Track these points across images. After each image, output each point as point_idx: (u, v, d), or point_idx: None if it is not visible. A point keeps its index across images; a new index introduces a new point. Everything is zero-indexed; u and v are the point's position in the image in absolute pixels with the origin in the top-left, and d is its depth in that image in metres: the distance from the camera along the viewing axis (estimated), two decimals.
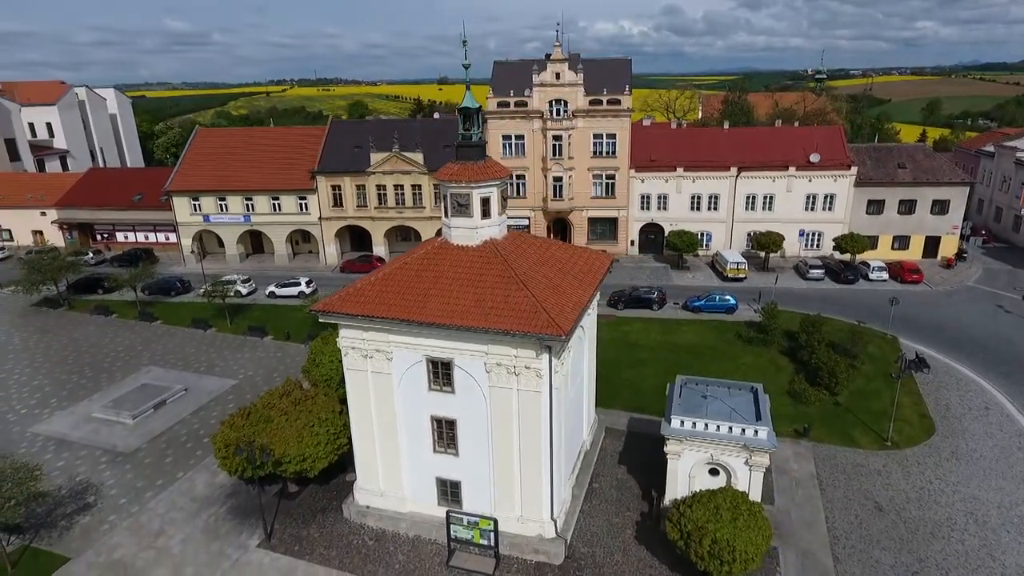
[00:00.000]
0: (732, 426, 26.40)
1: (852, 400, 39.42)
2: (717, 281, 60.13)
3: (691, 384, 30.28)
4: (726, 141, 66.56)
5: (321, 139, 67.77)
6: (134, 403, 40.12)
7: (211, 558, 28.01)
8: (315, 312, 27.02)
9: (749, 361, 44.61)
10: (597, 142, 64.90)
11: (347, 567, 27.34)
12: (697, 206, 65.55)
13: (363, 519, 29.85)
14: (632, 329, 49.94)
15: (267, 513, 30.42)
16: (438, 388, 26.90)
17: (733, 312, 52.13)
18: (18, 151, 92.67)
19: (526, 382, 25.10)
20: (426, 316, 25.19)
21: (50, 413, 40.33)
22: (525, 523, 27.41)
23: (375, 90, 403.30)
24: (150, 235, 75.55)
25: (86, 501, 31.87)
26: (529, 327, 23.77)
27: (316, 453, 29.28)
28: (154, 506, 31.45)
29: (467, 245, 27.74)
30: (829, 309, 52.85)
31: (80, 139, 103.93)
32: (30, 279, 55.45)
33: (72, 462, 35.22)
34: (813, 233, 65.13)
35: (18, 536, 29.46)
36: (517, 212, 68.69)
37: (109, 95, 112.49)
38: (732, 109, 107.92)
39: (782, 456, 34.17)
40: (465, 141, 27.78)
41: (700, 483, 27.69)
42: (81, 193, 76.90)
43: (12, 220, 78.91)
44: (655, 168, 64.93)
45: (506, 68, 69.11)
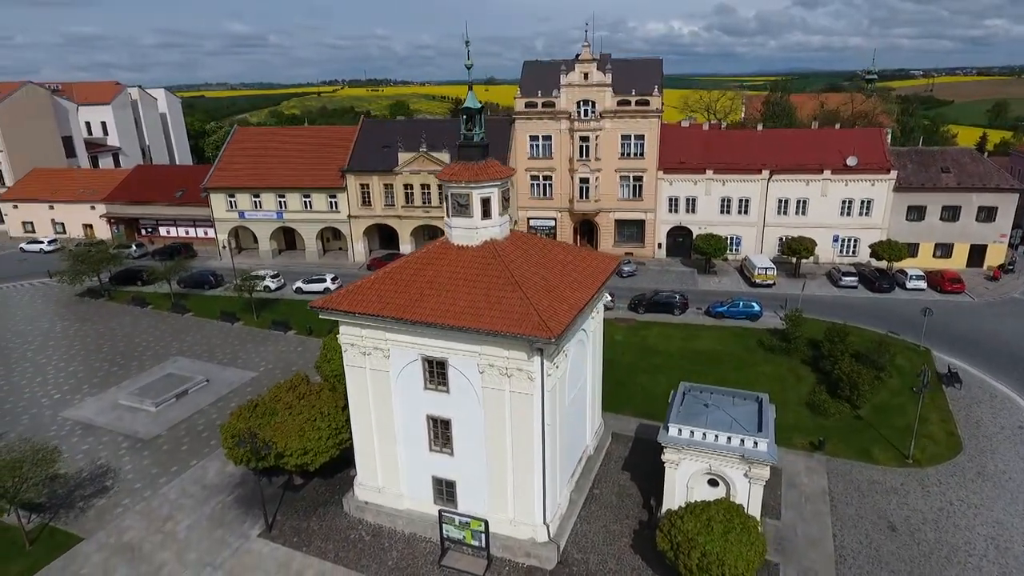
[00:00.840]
0: (731, 436, 25.66)
1: (874, 414, 37.83)
2: (745, 287, 58.59)
3: (694, 391, 29.59)
4: (759, 143, 64.79)
5: (352, 138, 68.97)
6: (158, 392, 41.65)
7: (213, 545, 28.82)
8: (315, 308, 27.49)
9: (768, 370, 43.32)
10: (625, 143, 64.13)
11: (342, 561, 27.72)
12: (727, 209, 64.04)
13: (362, 514, 30.22)
14: (650, 334, 49.13)
15: (271, 504, 31.15)
16: (433, 387, 27.02)
17: (758, 319, 50.71)
18: (74, 148, 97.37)
19: (518, 384, 24.97)
20: (420, 315, 25.33)
21: (81, 399, 42.22)
22: (517, 526, 27.27)
23: (422, 90, 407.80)
24: (190, 230, 78.26)
25: (104, 484, 33.23)
26: (519, 328, 23.63)
27: (318, 447, 29.79)
28: (166, 492, 32.57)
29: (467, 245, 27.77)
30: (860, 318, 50.94)
31: (132, 137, 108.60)
32: (74, 270, 58.21)
33: (95, 446, 36.78)
34: (849, 239, 62.83)
35: (39, 515, 30.92)
36: (543, 213, 68.69)
37: (160, 95, 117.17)
38: (773, 110, 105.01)
39: (793, 470, 33.10)
40: (467, 141, 27.79)
41: (699, 493, 27.04)
42: (127, 189, 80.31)
43: (65, 214, 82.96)
44: (684, 170, 63.71)
45: (536, 68, 69.00)
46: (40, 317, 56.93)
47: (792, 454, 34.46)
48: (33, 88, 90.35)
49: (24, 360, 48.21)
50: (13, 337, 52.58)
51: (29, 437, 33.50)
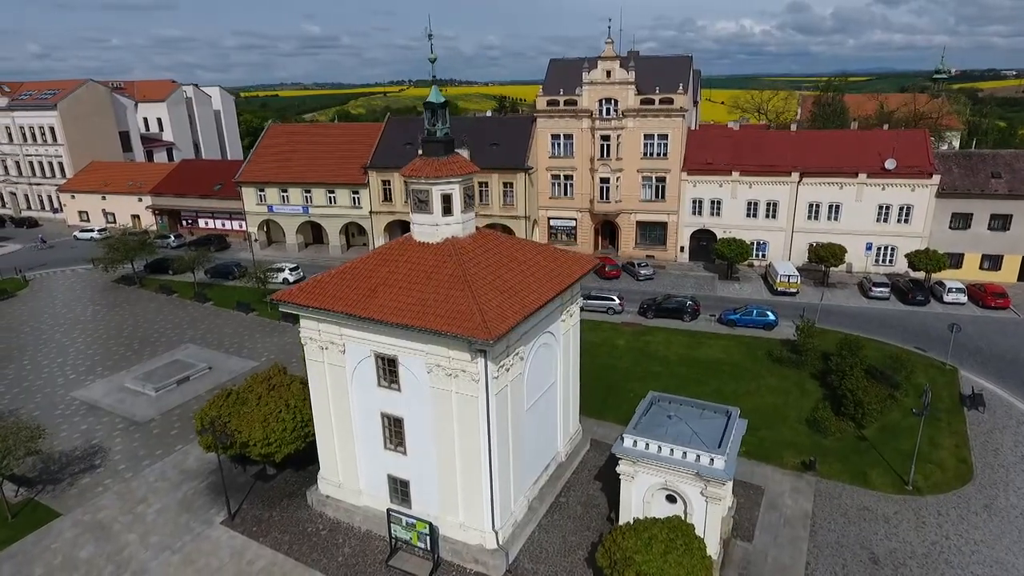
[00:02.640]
0: (686, 451, 24.20)
1: (881, 435, 35.14)
2: (767, 294, 55.81)
3: (663, 402, 28.15)
4: (791, 144, 61.60)
5: (377, 136, 69.78)
6: (160, 377, 43.14)
7: (177, 530, 29.46)
8: (275, 300, 27.67)
9: (773, 383, 40.99)
10: (648, 143, 62.25)
11: (293, 553, 27.80)
12: (753, 213, 61.20)
13: (323, 508, 30.27)
14: (654, 340, 47.40)
15: (240, 493, 31.64)
16: (386, 385, 26.71)
17: (772, 328, 48.13)
18: (131, 142, 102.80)
19: (463, 385, 24.34)
20: (367, 311, 25.06)
21: (92, 380, 44.21)
22: (467, 531, 26.63)
23: (485, 90, 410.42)
24: (226, 222, 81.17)
25: (92, 463, 34.58)
26: (458, 328, 23.00)
27: (281, 439, 30.00)
28: (147, 474, 33.58)
29: (428, 242, 27.37)
30: (886, 332, 47.72)
31: (185, 132, 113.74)
32: (108, 258, 61.24)
33: (94, 427, 38.36)
34: (885, 248, 58.90)
35: (28, 489, 32.46)
36: (564, 213, 67.60)
37: (214, 93, 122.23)
38: (824, 111, 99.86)
39: (777, 490, 31.12)
40: (430, 136, 27.32)
41: (657, 509, 25.67)
42: (171, 182, 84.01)
43: (115, 204, 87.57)
44: (708, 171, 61.29)
45: (561, 67, 67.96)
46: (76, 301, 60.14)
47: (779, 473, 32.43)
48: (94, 86, 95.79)
49: (51, 341, 50.98)
50: (47, 319, 55.74)
51: (17, 412, 35.21)
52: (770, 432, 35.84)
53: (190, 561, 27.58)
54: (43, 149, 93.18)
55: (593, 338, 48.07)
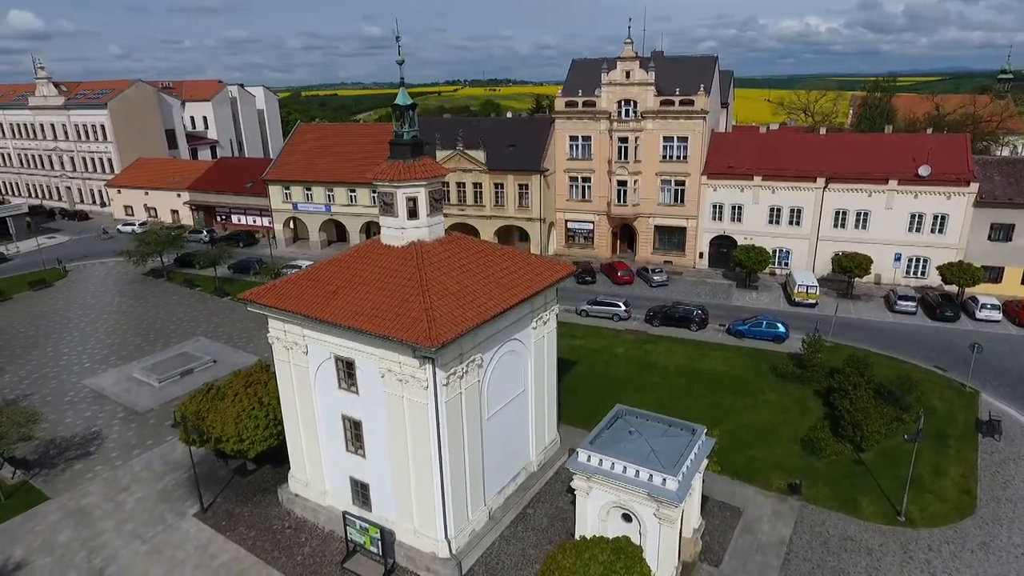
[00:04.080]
0: (639, 470, 23.22)
1: (880, 460, 33.01)
2: (784, 305, 53.42)
3: (628, 416, 27.15)
4: (818, 148, 58.81)
5: None
6: (165, 368, 44.55)
7: (151, 519, 30.27)
8: (242, 299, 28.05)
9: (773, 399, 39.14)
10: (667, 145, 60.57)
11: (255, 549, 28.14)
12: (776, 219, 58.71)
13: (291, 506, 30.57)
14: (656, 349, 46.01)
15: (217, 486, 32.32)
16: (346, 387, 26.71)
17: (782, 341, 45.98)
18: (176, 140, 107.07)
19: (413, 392, 24.06)
20: (323, 313, 25.09)
21: (105, 369, 46.06)
22: (420, 537, 26.36)
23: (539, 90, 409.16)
24: (257, 219, 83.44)
25: (88, 450, 35.96)
26: (404, 334, 22.73)
27: (254, 436, 30.39)
28: (134, 463, 34.67)
29: (393, 245, 27.25)
30: (908, 349, 44.99)
31: (229, 131, 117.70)
32: (138, 251, 63.86)
33: (97, 414, 39.91)
34: (917, 259, 55.51)
35: (24, 471, 34.00)
36: (581, 216, 66.61)
37: (258, 92, 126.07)
38: (871, 112, 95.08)
39: (756, 513, 29.62)
40: (397, 139, 27.16)
41: (613, 527, 24.78)
42: (207, 179, 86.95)
43: (157, 200, 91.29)
44: (729, 175, 59.16)
45: (584, 67, 66.93)
46: (105, 292, 62.91)
47: (762, 495, 30.87)
48: (142, 86, 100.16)
49: (75, 329, 53.46)
50: (76, 308, 58.49)
51: (30, 396, 36.92)
52: (760, 451, 34.21)
53: (157, 551, 28.28)
54: (94, 146, 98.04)
55: (593, 344, 47.15)
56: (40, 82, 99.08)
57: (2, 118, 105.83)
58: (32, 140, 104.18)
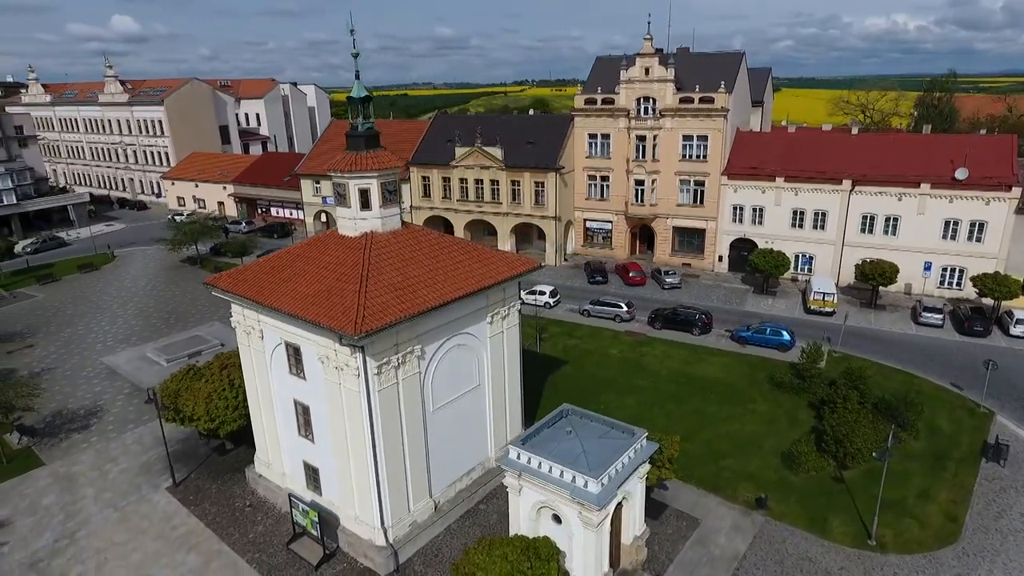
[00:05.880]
0: (564, 470, 22.71)
1: (864, 478, 30.98)
2: (800, 312, 50.93)
3: (573, 416, 26.56)
4: (848, 148, 55.68)
5: (423, 132, 71.30)
6: (176, 350, 46.88)
7: (128, 489, 31.94)
8: (207, 284, 29.20)
9: (763, 409, 37.43)
10: (686, 144, 58.84)
11: (212, 524, 29.23)
12: (799, 223, 56.02)
13: (255, 486, 31.58)
14: (651, 351, 44.82)
15: (196, 463, 33.79)
16: (295, 373, 27.35)
17: (787, 350, 43.85)
18: (229, 136, 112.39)
19: (347, 379, 24.39)
20: (269, 299, 25.80)
21: (123, 348, 48.90)
22: (360, 524, 26.71)
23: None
24: (293, 212, 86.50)
25: (89, 423, 38.26)
26: (331, 321, 23.09)
27: (224, 416, 31.59)
28: (126, 437, 36.66)
29: (347, 236, 27.71)
30: (927, 364, 42.19)
31: (280, 127, 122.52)
32: (175, 239, 67.48)
33: (106, 389, 42.43)
34: (951, 269, 51.71)
35: (30, 438, 36.55)
36: (599, 215, 65.68)
37: (310, 91, 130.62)
38: (929, 113, 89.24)
39: (714, 525, 28.43)
40: (352, 131, 27.59)
41: (544, 527, 24.35)
42: (251, 172, 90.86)
43: (206, 191, 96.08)
44: (750, 176, 56.87)
45: (607, 65, 65.85)
46: (142, 277, 66.73)
47: (725, 507, 29.59)
48: (198, 83, 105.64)
49: (108, 310, 56.99)
50: (113, 291, 62.33)
51: (52, 370, 39.66)
52: (735, 461, 32.80)
53: (125, 519, 29.83)
54: (153, 140, 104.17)
55: (587, 345, 46.42)
56: (108, 80, 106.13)
57: (76, 113, 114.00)
58: (101, 134, 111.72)
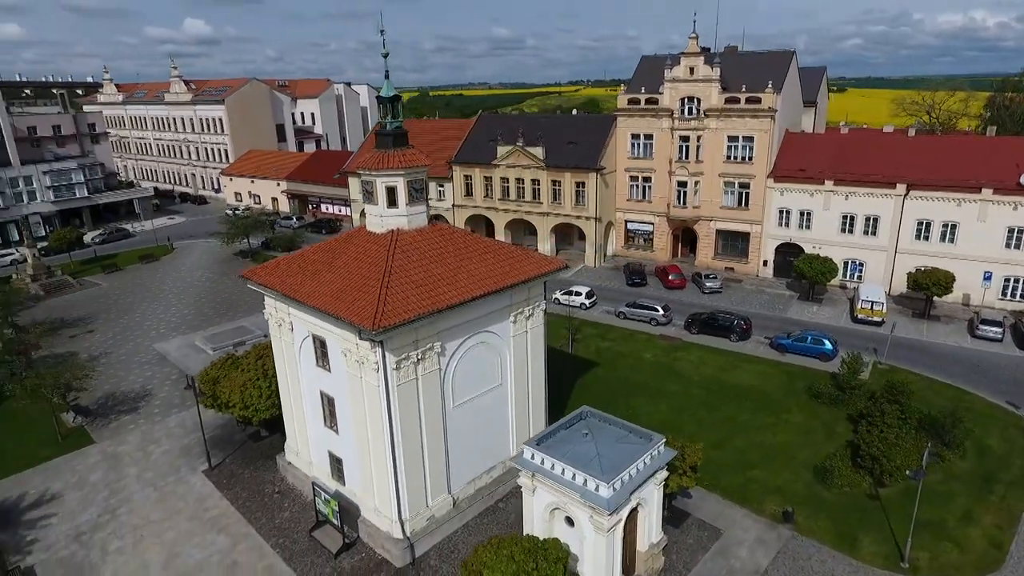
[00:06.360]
0: (575, 473, 22.59)
1: (902, 497, 29.57)
2: (846, 321, 48.95)
3: (591, 418, 26.36)
4: (903, 150, 53.16)
5: (467, 131, 71.96)
6: (222, 339, 48.88)
7: (167, 470, 33.54)
8: (243, 277, 30.34)
9: (798, 420, 36.20)
10: (731, 145, 57.40)
11: (242, 508, 30.37)
12: (849, 228, 53.82)
13: (285, 473, 32.63)
14: (686, 356, 43.95)
15: (231, 448, 35.20)
16: (322, 365, 28.12)
17: (829, 359, 42.23)
18: (285, 134, 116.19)
19: (367, 373, 24.92)
20: (296, 292, 26.63)
21: (175, 336, 51.30)
22: (379, 516, 27.25)
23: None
24: (342, 208, 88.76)
25: (136, 405, 40.34)
26: (351, 315, 23.64)
27: (257, 404, 32.79)
28: (170, 421, 38.46)
29: (374, 232, 28.30)
30: (981, 380, 40.06)
31: (334, 126, 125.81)
32: (227, 233, 70.33)
33: (156, 374, 44.62)
34: (1015, 280, 48.68)
35: (84, 418, 38.82)
36: (641, 217, 64.83)
37: (363, 90, 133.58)
38: (1000, 114, 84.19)
39: (737, 537, 27.71)
40: (381, 129, 28.15)
41: (558, 529, 24.30)
42: (303, 170, 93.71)
43: (261, 187, 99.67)
44: (798, 179, 55.00)
45: (652, 64, 64.94)
46: (197, 268, 69.80)
47: (750, 519, 28.78)
48: (256, 83, 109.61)
49: (163, 299, 59.90)
50: (170, 281, 65.45)
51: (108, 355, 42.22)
52: (765, 472, 31.86)
53: (163, 498, 31.34)
54: (213, 137, 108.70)
55: (620, 348, 45.93)
56: (174, 80, 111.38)
57: (145, 112, 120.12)
58: (166, 132, 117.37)
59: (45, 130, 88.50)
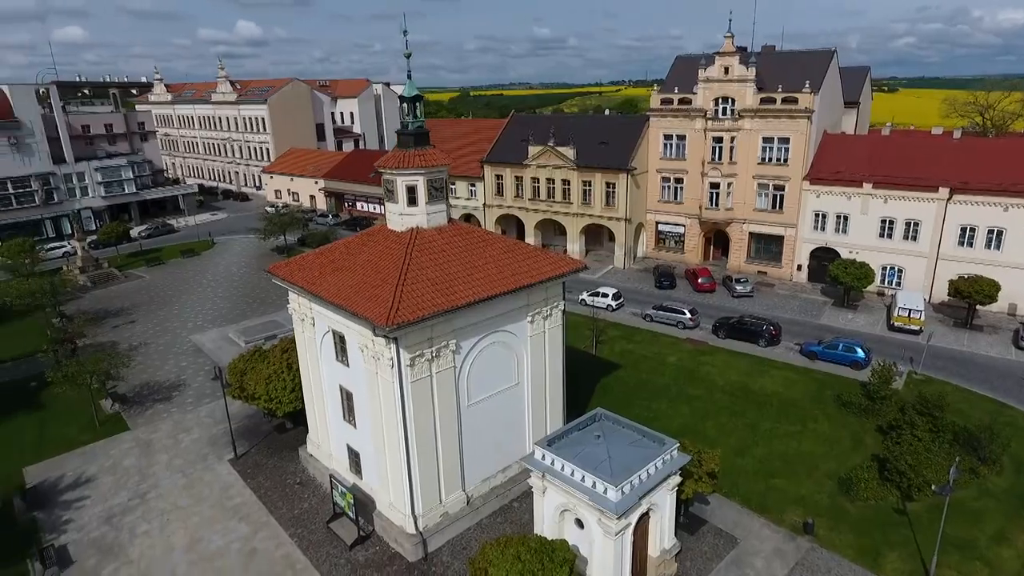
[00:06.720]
0: (584, 474, 22.51)
1: (929, 513, 28.53)
2: (882, 329, 47.39)
3: (605, 420, 26.21)
4: (947, 153, 51.14)
5: (499, 131, 72.22)
6: (255, 332, 50.17)
7: (195, 459, 34.66)
8: (268, 272, 31.16)
9: (823, 429, 35.24)
10: (766, 146, 56.18)
11: (264, 498, 31.18)
12: (888, 233, 52.06)
13: (306, 464, 33.38)
14: (711, 361, 43.22)
15: (257, 439, 36.18)
16: (341, 360, 28.67)
17: (861, 368, 40.98)
18: (324, 133, 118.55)
19: (383, 369, 25.31)
20: (315, 287, 27.23)
21: (210, 328, 52.93)
22: (393, 511, 27.65)
23: None
24: (377, 206, 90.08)
25: (171, 395, 41.80)
26: (366, 311, 24.05)
27: (281, 396, 33.66)
28: (202, 410, 39.71)
29: (395, 230, 28.73)
30: (1023, 395, 38.06)
31: (372, 125, 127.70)
32: (264, 230, 72.20)
33: (191, 365, 46.15)
34: None
35: (121, 405, 40.43)
36: (672, 218, 64.04)
37: (400, 90, 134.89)
38: None
39: (754, 547, 27.18)
40: (402, 129, 28.54)
41: (568, 531, 24.27)
42: (340, 168, 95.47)
43: (299, 185, 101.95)
44: (834, 182, 53.46)
45: (687, 64, 63.98)
46: (235, 263, 71.86)
47: (769, 528, 28.18)
48: (297, 84, 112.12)
49: (200, 292, 61.86)
50: (209, 275, 67.56)
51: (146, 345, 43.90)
52: (786, 481, 31.14)
53: (189, 486, 32.41)
54: (256, 136, 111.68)
55: (644, 350, 45.46)
56: (220, 80, 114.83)
57: (192, 111, 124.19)
58: (212, 130, 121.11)
59: (98, 128, 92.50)
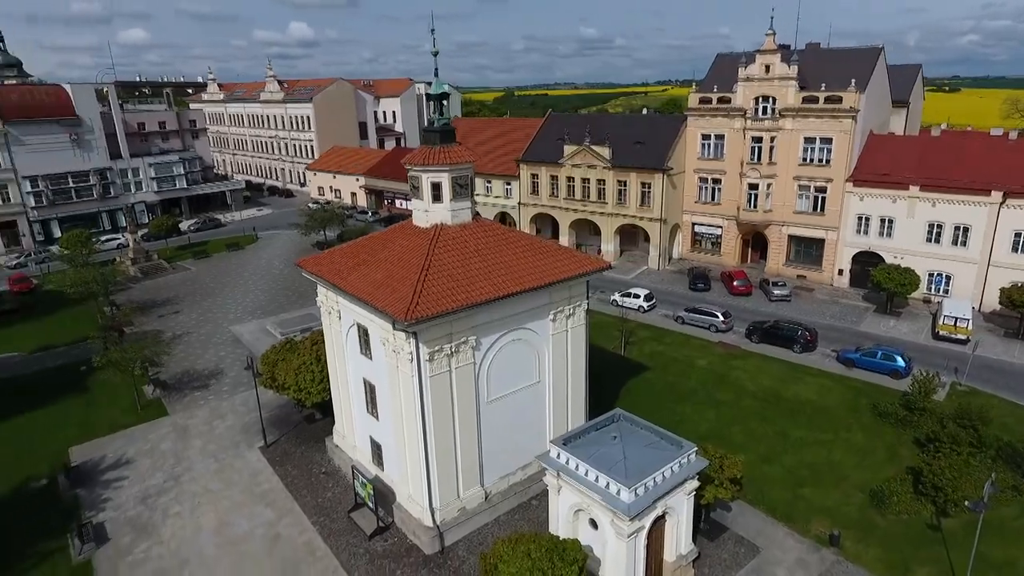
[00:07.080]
0: (598, 475, 22.38)
1: (964, 530, 27.32)
2: (926, 338, 45.52)
3: (623, 420, 25.97)
4: (1001, 155, 48.71)
5: (535, 130, 72.20)
6: (291, 325, 51.50)
7: (226, 446, 35.84)
8: (299, 266, 31.97)
9: (857, 439, 34.10)
10: (808, 147, 54.61)
11: (290, 486, 32.03)
12: (936, 238, 49.95)
13: (332, 455, 34.13)
14: (742, 366, 42.30)
15: (287, 428, 37.19)
16: (365, 353, 29.22)
17: (900, 377, 39.47)
18: (367, 131, 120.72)
19: (403, 363, 25.69)
20: (340, 281, 27.82)
21: (249, 320, 54.60)
22: (412, 503, 28.02)
23: None
24: None
25: (208, 383, 43.31)
26: (386, 305, 24.45)
27: (309, 387, 34.51)
28: (235, 399, 41.01)
29: (419, 226, 29.12)
30: None
31: (414, 124, 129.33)
32: (305, 225, 74.03)
33: (229, 355, 47.69)
34: None
35: (162, 391, 42.11)
36: (709, 220, 62.94)
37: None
38: None
39: (777, 556, 26.57)
40: (428, 126, 28.89)
41: (583, 531, 24.19)
42: (380, 166, 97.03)
43: (341, 182, 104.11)
44: (880, 184, 51.58)
45: (727, 62, 62.72)
46: (277, 257, 73.87)
47: (793, 538, 27.47)
48: (342, 83, 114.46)
49: (242, 285, 63.84)
50: (251, 268, 69.64)
51: (189, 334, 45.55)
52: (815, 491, 30.29)
53: (221, 471, 33.55)
54: (301, 134, 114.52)
55: (674, 353, 44.83)
56: (268, 80, 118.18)
57: (242, 110, 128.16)
58: (260, 128, 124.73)
59: (152, 126, 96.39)
